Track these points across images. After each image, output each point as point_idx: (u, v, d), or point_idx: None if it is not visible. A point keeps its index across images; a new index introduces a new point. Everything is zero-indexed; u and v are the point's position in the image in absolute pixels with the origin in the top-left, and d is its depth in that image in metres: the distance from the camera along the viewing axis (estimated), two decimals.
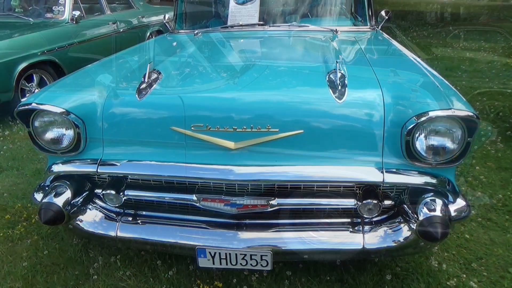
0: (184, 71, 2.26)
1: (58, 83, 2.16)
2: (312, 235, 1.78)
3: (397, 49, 2.68)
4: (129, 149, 1.86)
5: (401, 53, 2.57)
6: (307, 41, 2.93)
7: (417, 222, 1.62)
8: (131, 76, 2.17)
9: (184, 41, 3.03)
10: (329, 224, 1.84)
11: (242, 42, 2.99)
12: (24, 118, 1.84)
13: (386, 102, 1.73)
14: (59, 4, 5.24)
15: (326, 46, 2.65)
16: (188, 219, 1.90)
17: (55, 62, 4.86)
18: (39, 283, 2.16)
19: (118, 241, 1.93)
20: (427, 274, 2.13)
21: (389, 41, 2.92)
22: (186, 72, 2.25)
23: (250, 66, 2.21)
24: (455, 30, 10.90)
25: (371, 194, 1.74)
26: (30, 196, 2.10)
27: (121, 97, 1.91)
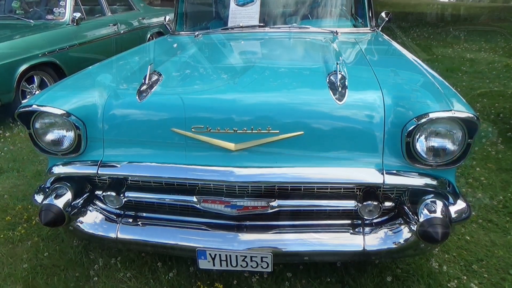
0: (184, 73, 2.26)
1: (58, 85, 2.16)
2: (312, 237, 1.78)
3: (397, 50, 2.69)
4: (129, 150, 1.86)
5: (401, 54, 2.57)
6: (308, 42, 2.93)
7: (417, 224, 1.62)
8: (132, 77, 2.17)
9: (184, 42, 3.04)
10: (329, 225, 1.84)
11: (242, 43, 2.99)
12: (25, 119, 1.84)
13: (386, 104, 1.73)
14: (60, 6, 5.25)
15: (327, 48, 2.65)
16: (188, 221, 1.90)
17: (56, 63, 4.87)
18: (40, 285, 2.16)
19: (119, 242, 1.93)
20: (428, 276, 2.13)
21: (389, 42, 2.91)
22: (187, 73, 2.25)
23: (251, 68, 2.21)
24: (456, 31, 10.90)
25: (372, 196, 1.74)
26: (30, 197, 2.11)
27: (121, 98, 1.91)
